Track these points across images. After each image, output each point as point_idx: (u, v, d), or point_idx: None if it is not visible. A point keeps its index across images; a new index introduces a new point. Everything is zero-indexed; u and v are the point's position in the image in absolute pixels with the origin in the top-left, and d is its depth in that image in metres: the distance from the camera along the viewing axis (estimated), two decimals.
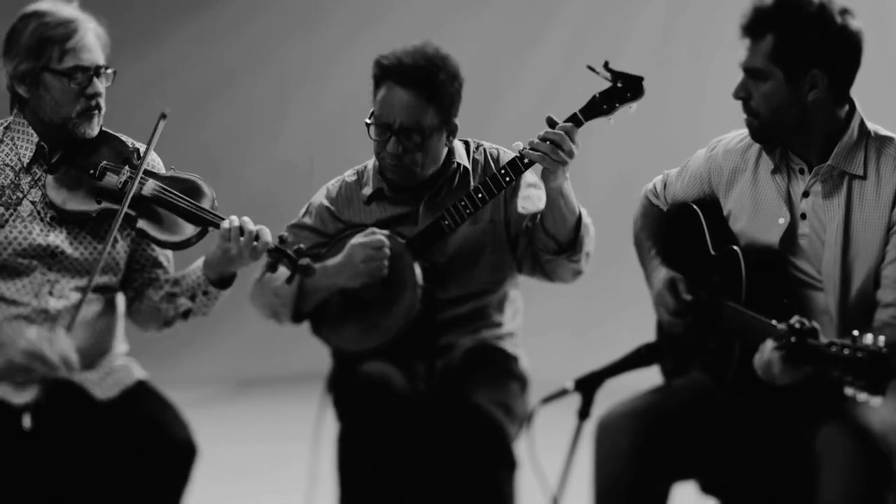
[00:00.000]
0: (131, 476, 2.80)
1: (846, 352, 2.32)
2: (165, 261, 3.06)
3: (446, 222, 3.08)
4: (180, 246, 2.93)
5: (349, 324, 3.17)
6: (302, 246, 2.92)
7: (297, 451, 3.52)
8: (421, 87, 3.04)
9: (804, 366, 2.45)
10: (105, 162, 2.91)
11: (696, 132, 4.93)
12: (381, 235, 3.08)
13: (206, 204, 2.93)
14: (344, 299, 3.15)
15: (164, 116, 2.90)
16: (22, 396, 2.83)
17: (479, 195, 3.05)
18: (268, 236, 2.89)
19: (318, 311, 3.20)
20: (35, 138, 2.90)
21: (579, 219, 3.08)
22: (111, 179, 2.90)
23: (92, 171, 2.89)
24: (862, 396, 2.30)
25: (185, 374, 6.43)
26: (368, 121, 3.10)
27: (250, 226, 2.88)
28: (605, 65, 2.97)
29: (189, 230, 2.91)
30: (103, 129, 2.95)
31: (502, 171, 3.03)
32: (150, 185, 2.90)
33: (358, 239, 3.09)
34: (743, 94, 2.72)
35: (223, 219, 2.90)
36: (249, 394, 6.54)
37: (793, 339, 2.43)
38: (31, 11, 2.86)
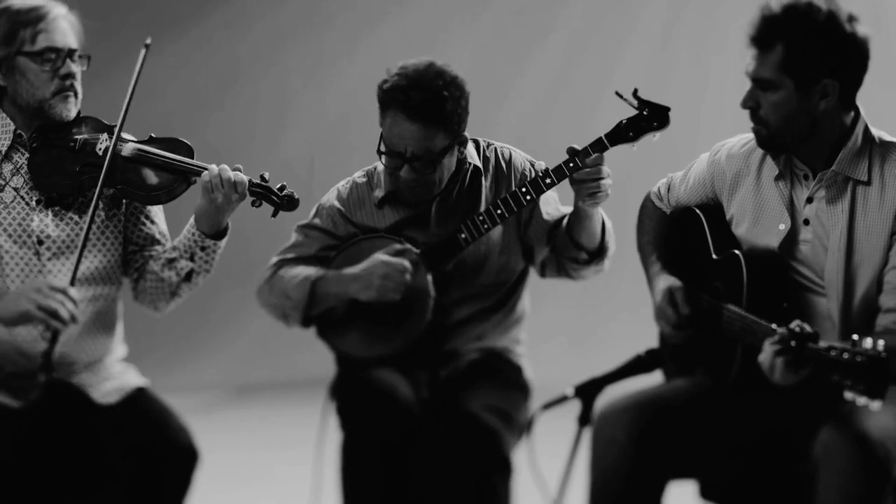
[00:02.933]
0: (133, 482, 2.82)
1: (845, 356, 2.31)
2: (163, 237, 3.08)
3: (463, 236, 3.08)
4: (165, 196, 2.95)
5: (357, 330, 3.16)
6: (285, 184, 2.98)
7: (298, 458, 3.52)
8: (429, 118, 3.01)
9: (804, 369, 2.45)
10: (84, 135, 2.96)
11: (696, 137, 4.93)
12: (406, 261, 3.07)
13: (184, 155, 2.96)
14: (353, 305, 3.13)
15: (146, 47, 2.94)
16: (20, 400, 2.84)
17: (499, 212, 3.05)
18: (243, 177, 2.93)
19: (325, 316, 3.18)
20: (11, 127, 2.93)
21: (602, 224, 3.11)
22: (91, 149, 2.94)
23: (72, 144, 2.93)
24: (861, 400, 2.30)
25: (186, 380, 6.42)
26: (382, 149, 3.07)
27: (228, 172, 2.91)
28: (634, 92, 2.97)
29: (171, 180, 2.94)
30: (81, 114, 2.98)
31: (523, 190, 3.03)
32: (130, 147, 2.95)
33: (383, 256, 3.08)
34: (751, 103, 2.71)
35: (203, 167, 2.93)
36: (250, 400, 6.53)
37: (793, 343, 2.43)
38: (2, 7, 2.92)
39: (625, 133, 2.98)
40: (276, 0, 7.31)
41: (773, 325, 2.53)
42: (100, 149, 2.94)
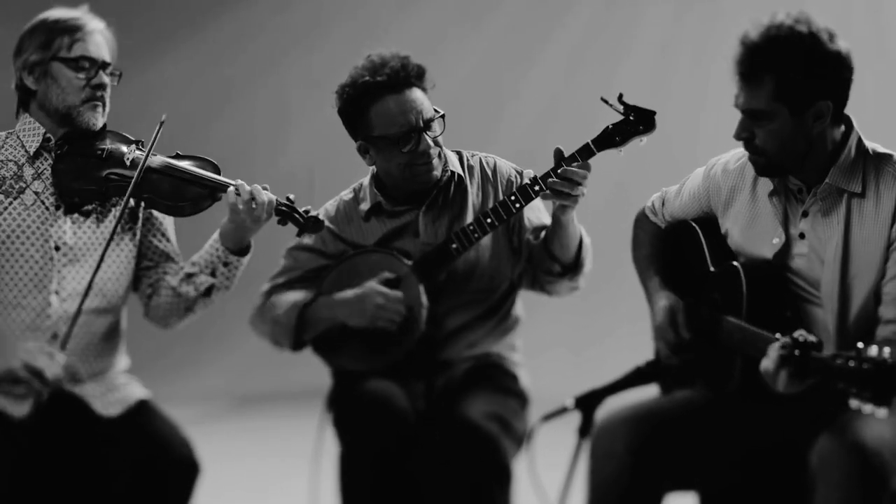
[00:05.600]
0: (133, 496, 2.82)
1: (851, 364, 2.30)
2: (176, 255, 3.09)
3: (454, 245, 3.09)
4: (189, 208, 2.96)
5: (352, 346, 3.17)
6: (310, 207, 3.00)
7: (298, 468, 3.52)
8: (421, 83, 3.11)
9: (808, 378, 2.44)
10: (112, 146, 2.97)
11: (695, 147, 4.94)
12: (401, 294, 3.09)
13: (211, 172, 2.98)
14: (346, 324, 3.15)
15: (162, 124, 2.95)
16: (20, 409, 2.84)
17: (489, 220, 3.06)
18: (272, 198, 2.94)
19: (320, 334, 3.20)
20: (41, 130, 2.95)
21: (580, 240, 3.11)
22: (118, 157, 2.95)
23: (99, 153, 2.95)
24: (867, 408, 2.28)
25: (187, 391, 6.43)
26: (393, 133, 3.07)
27: (261, 194, 2.93)
28: (619, 97, 2.98)
29: (197, 193, 2.95)
30: (106, 126, 2.99)
31: (512, 198, 3.04)
32: (159, 159, 2.97)
33: (378, 286, 3.10)
34: (745, 134, 2.69)
35: (230, 184, 2.95)
36: (251, 410, 6.54)
37: (796, 352, 2.42)
38: (42, 17, 2.96)
39: (611, 138, 2.99)
40: (277, 12, 7.33)
41: (777, 335, 2.52)
42: (128, 158, 2.96)
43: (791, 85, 2.62)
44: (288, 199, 2.99)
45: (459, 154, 3.27)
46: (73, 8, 2.99)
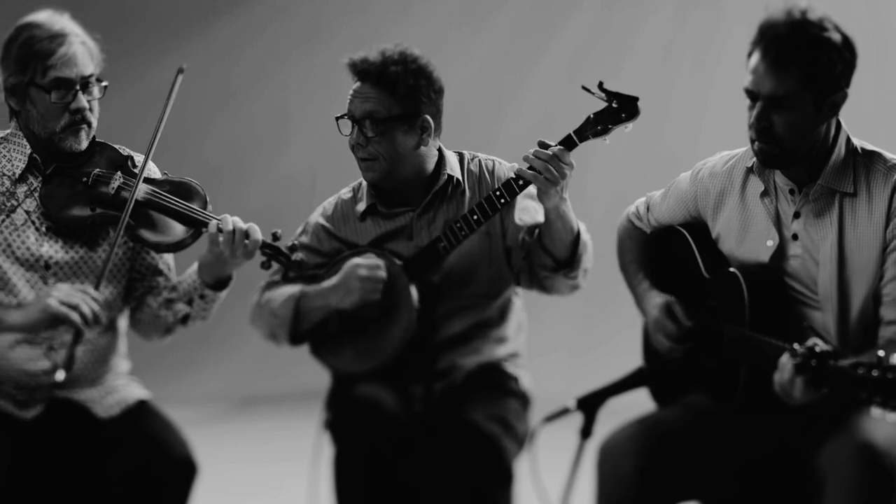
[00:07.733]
0: (131, 494, 2.81)
1: (875, 373, 2.26)
2: (166, 268, 3.06)
3: (442, 244, 3.08)
4: (173, 248, 2.93)
5: (347, 346, 3.17)
6: (296, 242, 2.98)
7: (298, 470, 3.52)
8: (374, 78, 3.09)
9: (824, 387, 2.41)
10: (97, 170, 2.92)
11: (695, 148, 4.95)
12: (378, 259, 3.08)
13: (197, 204, 2.93)
14: (342, 322, 3.15)
15: (181, 71, 2.90)
16: (27, 412, 2.84)
17: (475, 217, 3.04)
18: (258, 234, 2.89)
19: (316, 334, 3.20)
20: (28, 150, 2.91)
21: (577, 236, 3.07)
22: (104, 187, 2.90)
23: (84, 179, 2.90)
24: (893, 417, 2.26)
25: (188, 393, 6.43)
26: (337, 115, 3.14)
27: (240, 225, 2.87)
28: (600, 85, 2.95)
29: (181, 231, 2.91)
30: (97, 139, 2.95)
31: (497, 193, 3.02)
32: (143, 189, 2.90)
33: (355, 260, 3.10)
34: (766, 123, 2.64)
35: (216, 219, 2.89)
36: (252, 412, 6.54)
37: (813, 362, 2.39)
38: (26, 23, 2.87)
39: (594, 127, 2.96)
40: (278, 14, 7.33)
41: (794, 345, 2.47)
42: (112, 188, 2.90)
43: (820, 73, 2.59)
44: (274, 235, 2.93)
45: (460, 156, 3.25)
46: (54, 14, 2.87)
